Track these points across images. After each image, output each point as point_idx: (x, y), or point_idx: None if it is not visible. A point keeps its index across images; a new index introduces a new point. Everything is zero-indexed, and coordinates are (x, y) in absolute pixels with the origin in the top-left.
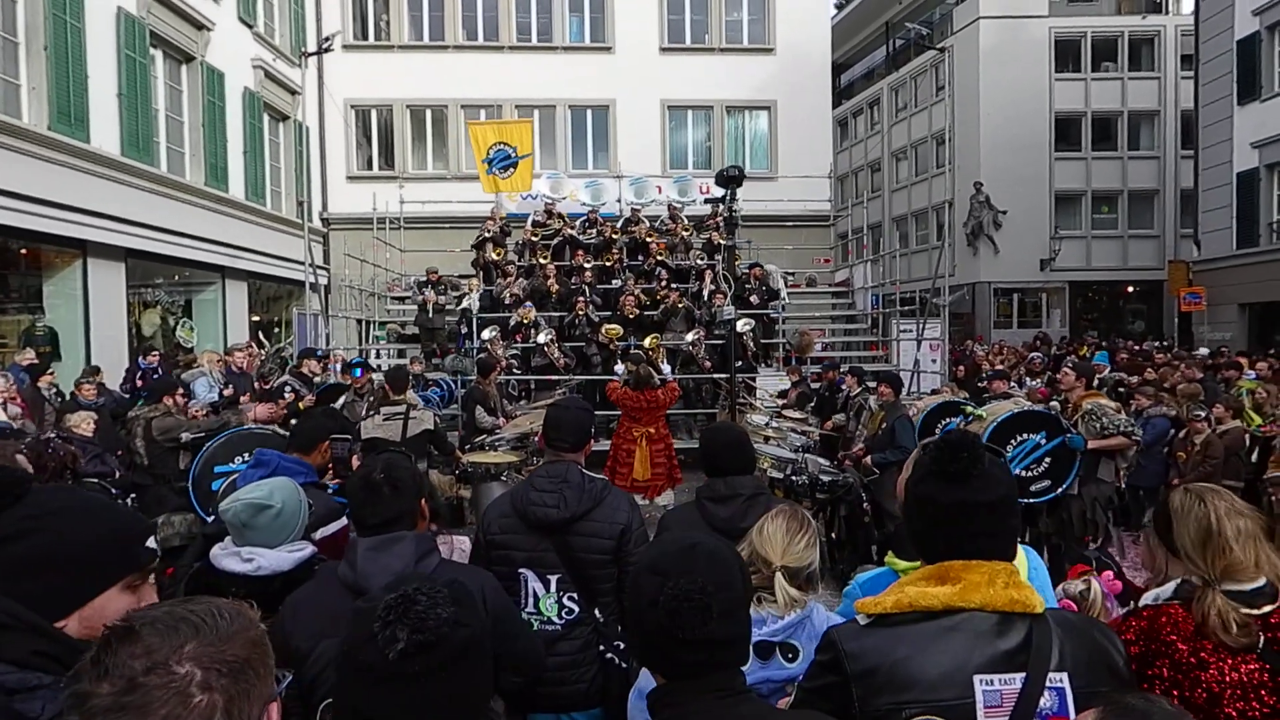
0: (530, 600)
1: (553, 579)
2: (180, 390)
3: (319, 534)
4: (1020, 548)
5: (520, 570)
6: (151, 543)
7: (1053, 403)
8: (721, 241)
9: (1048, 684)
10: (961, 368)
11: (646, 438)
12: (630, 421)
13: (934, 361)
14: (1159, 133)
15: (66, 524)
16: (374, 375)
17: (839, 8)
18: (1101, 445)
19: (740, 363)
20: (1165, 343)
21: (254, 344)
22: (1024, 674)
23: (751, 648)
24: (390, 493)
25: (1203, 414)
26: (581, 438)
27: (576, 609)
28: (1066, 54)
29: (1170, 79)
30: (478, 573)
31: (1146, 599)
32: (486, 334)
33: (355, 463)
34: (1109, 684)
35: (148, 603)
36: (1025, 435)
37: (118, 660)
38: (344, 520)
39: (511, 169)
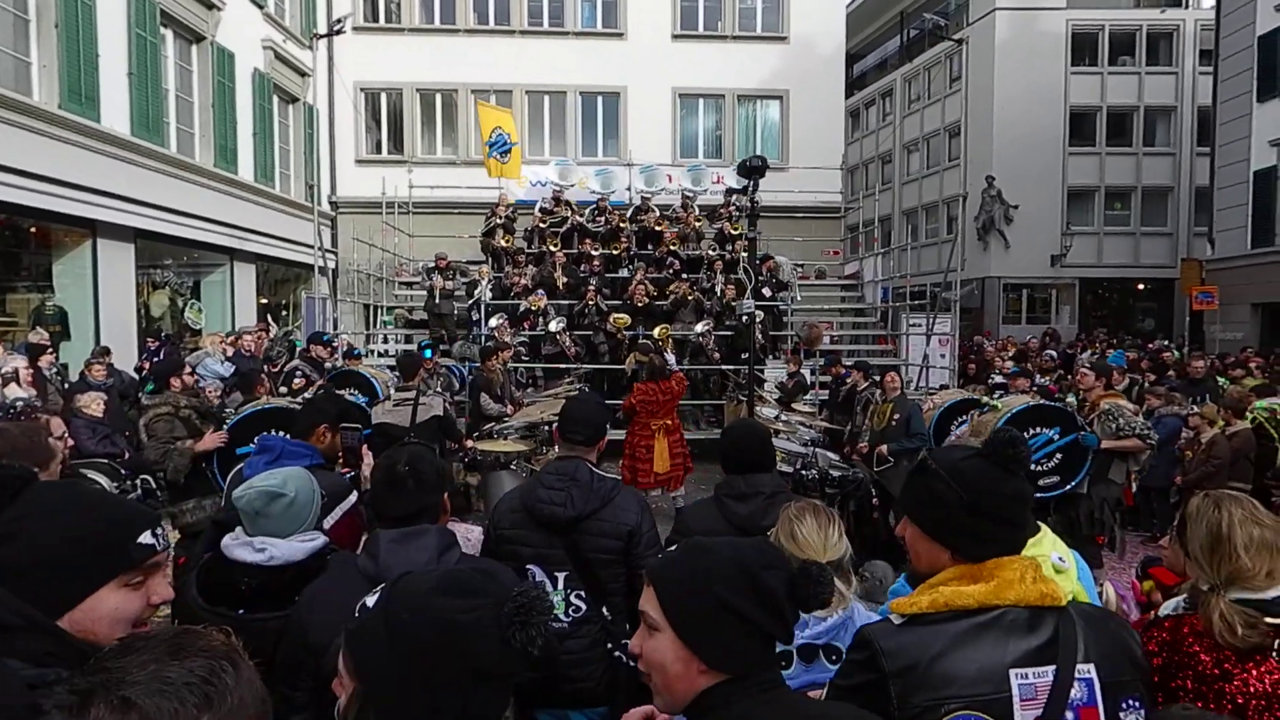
0: None
1: (560, 576)
2: (188, 370)
3: (329, 520)
4: (1067, 549)
5: (528, 566)
6: (147, 538)
7: (1069, 399)
8: (732, 232)
9: (1076, 675)
10: (972, 365)
11: (664, 430)
12: (647, 416)
13: (943, 356)
14: (1175, 129)
15: (43, 524)
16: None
17: None
18: (1115, 446)
19: (745, 354)
20: (1178, 342)
21: (264, 326)
22: (1054, 667)
23: (795, 651)
24: (414, 486)
25: (1195, 409)
26: (595, 433)
27: (584, 607)
28: (1083, 47)
29: (1188, 74)
30: (499, 568)
31: (1166, 608)
32: (494, 321)
33: (365, 451)
34: (1131, 673)
35: (158, 598)
36: (1039, 429)
37: None
38: (354, 496)
39: (508, 155)
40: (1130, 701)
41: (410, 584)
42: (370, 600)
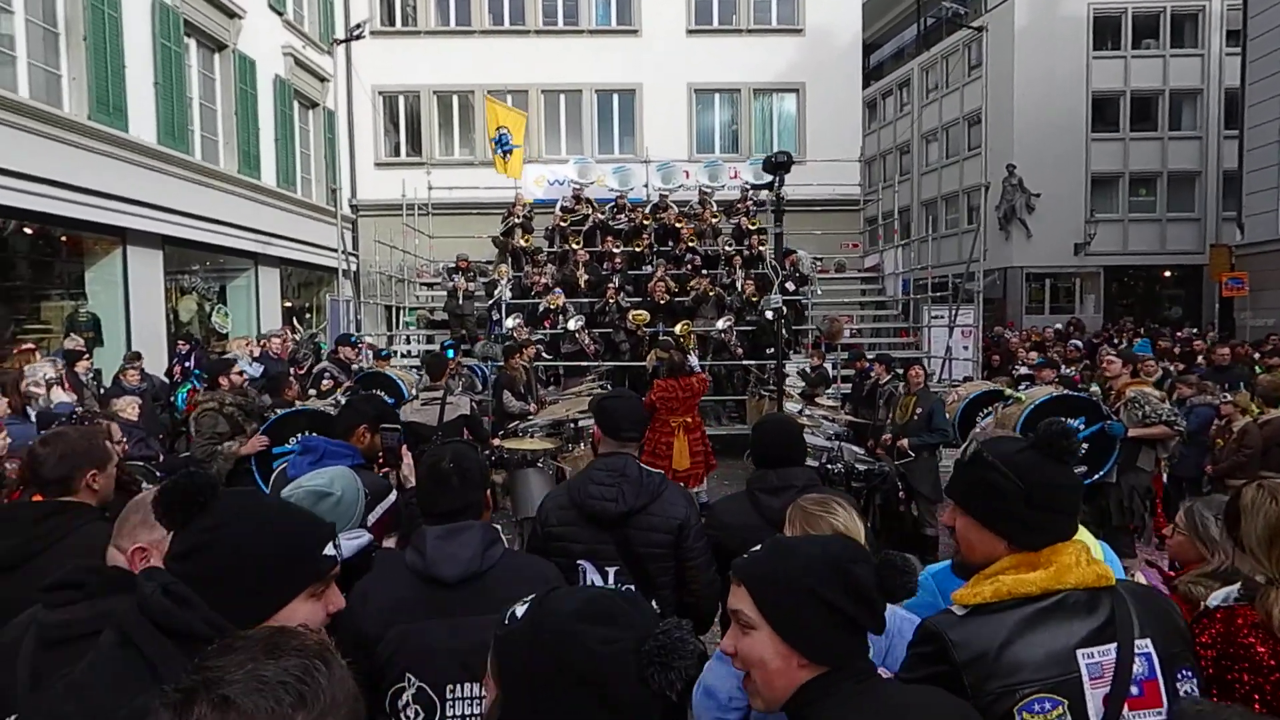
0: None
1: (610, 570)
2: (237, 370)
3: (372, 517)
4: (1092, 539)
5: (579, 562)
6: (330, 549)
7: (1093, 388)
8: (750, 227)
9: (1136, 650)
10: (996, 356)
11: (684, 427)
12: (667, 413)
13: (965, 348)
14: (1201, 112)
15: (242, 536)
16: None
17: None
18: (1142, 434)
19: (770, 349)
20: (1207, 329)
21: (290, 329)
22: (1115, 644)
23: None
24: (459, 483)
25: (1229, 398)
26: (643, 429)
27: None
28: (1105, 31)
29: (1214, 56)
30: (541, 563)
31: (1215, 599)
32: (510, 321)
33: (405, 451)
34: (1180, 645)
35: (334, 608)
36: (1064, 420)
37: None
38: (394, 495)
39: (509, 155)
40: (1184, 672)
41: (556, 603)
42: (520, 610)
